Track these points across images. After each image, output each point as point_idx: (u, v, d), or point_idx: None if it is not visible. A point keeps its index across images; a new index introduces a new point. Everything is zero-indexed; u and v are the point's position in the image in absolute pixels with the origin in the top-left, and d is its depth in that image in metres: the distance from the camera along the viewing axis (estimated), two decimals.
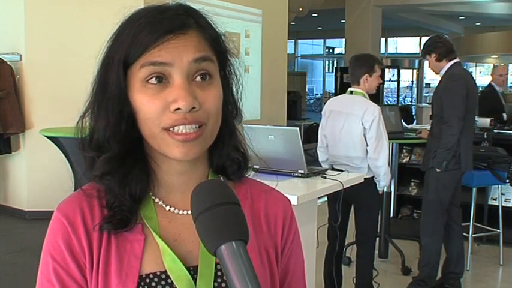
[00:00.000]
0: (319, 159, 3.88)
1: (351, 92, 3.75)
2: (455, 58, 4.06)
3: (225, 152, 0.95)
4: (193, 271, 0.88)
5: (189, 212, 0.90)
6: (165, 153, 0.87)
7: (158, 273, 0.87)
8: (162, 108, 0.84)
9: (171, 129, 0.84)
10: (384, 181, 3.69)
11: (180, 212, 0.93)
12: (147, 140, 0.88)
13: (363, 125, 3.57)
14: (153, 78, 0.84)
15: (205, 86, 0.86)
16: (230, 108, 0.95)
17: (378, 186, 3.71)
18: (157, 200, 0.93)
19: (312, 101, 25.70)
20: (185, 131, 0.84)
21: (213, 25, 0.91)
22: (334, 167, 3.62)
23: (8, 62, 6.10)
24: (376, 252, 4.97)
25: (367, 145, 3.60)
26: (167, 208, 0.93)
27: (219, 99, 0.88)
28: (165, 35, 0.84)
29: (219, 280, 0.88)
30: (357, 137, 3.61)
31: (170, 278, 0.87)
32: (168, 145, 0.85)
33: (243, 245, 0.73)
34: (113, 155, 0.88)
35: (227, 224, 0.73)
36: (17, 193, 6.42)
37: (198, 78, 0.85)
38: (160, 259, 0.88)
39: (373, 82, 3.74)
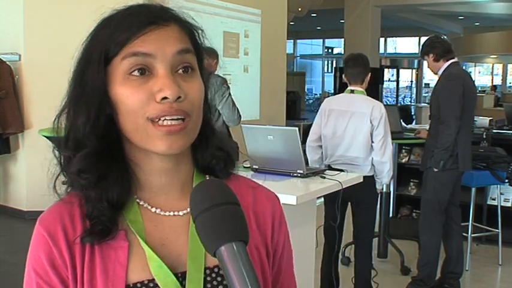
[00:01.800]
0: (310, 158, 3.77)
1: (352, 91, 3.74)
2: (453, 58, 4.06)
3: (210, 152, 0.93)
4: (181, 277, 0.85)
5: (176, 213, 0.90)
6: (148, 146, 0.84)
7: (146, 282, 0.85)
8: (146, 98, 0.82)
9: (156, 120, 0.82)
10: (387, 178, 3.72)
11: (167, 214, 0.90)
12: (129, 135, 0.85)
13: (371, 122, 3.59)
14: (136, 71, 0.83)
15: (187, 78, 0.85)
16: (207, 106, 0.93)
17: (378, 184, 3.72)
18: (141, 202, 0.90)
19: (311, 101, 25.69)
20: (170, 123, 0.82)
21: (190, 20, 0.91)
22: (334, 167, 3.62)
23: (7, 62, 6.09)
24: (375, 252, 4.97)
25: (372, 142, 3.62)
26: (153, 210, 0.90)
27: (201, 92, 0.87)
28: (148, 26, 0.83)
29: (209, 286, 0.86)
30: (362, 136, 3.61)
31: (158, 286, 0.84)
32: (151, 137, 0.83)
33: (243, 246, 0.72)
34: (91, 150, 0.85)
35: (227, 224, 0.72)
36: (16, 193, 6.41)
37: (181, 71, 0.84)
38: (147, 266, 0.85)
39: None
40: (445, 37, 4.35)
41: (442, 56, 4.02)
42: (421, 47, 4.24)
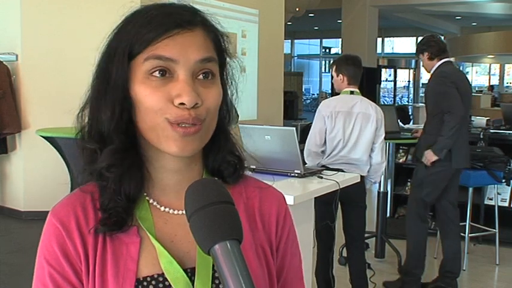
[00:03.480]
0: (311, 164, 3.68)
1: (352, 92, 3.72)
2: (447, 57, 4.09)
3: (221, 156, 0.95)
4: (190, 273, 0.87)
5: (184, 211, 0.92)
6: (162, 146, 0.86)
7: (155, 276, 0.86)
8: (164, 100, 0.83)
9: (174, 122, 0.83)
10: (379, 177, 3.83)
11: (176, 212, 0.92)
12: (146, 132, 0.87)
13: (376, 123, 3.61)
14: (157, 72, 0.84)
15: (207, 84, 0.86)
16: (224, 112, 0.95)
17: (368, 184, 3.78)
18: (151, 200, 0.92)
19: (309, 101, 25.71)
20: (186, 125, 0.83)
21: (216, 25, 0.92)
22: (333, 166, 3.60)
23: (4, 62, 6.09)
24: (373, 252, 4.99)
25: (373, 143, 3.64)
26: (162, 209, 0.92)
27: (219, 98, 0.88)
28: (173, 29, 0.84)
29: (217, 282, 0.88)
30: (367, 137, 3.62)
31: (168, 281, 0.86)
32: (167, 137, 0.84)
33: (237, 244, 0.73)
34: (118, 146, 0.87)
35: (221, 223, 0.73)
36: (13, 193, 6.41)
37: (201, 76, 0.86)
38: (157, 261, 0.87)
39: None
40: (442, 37, 4.37)
41: (436, 55, 4.06)
42: (417, 45, 4.27)
